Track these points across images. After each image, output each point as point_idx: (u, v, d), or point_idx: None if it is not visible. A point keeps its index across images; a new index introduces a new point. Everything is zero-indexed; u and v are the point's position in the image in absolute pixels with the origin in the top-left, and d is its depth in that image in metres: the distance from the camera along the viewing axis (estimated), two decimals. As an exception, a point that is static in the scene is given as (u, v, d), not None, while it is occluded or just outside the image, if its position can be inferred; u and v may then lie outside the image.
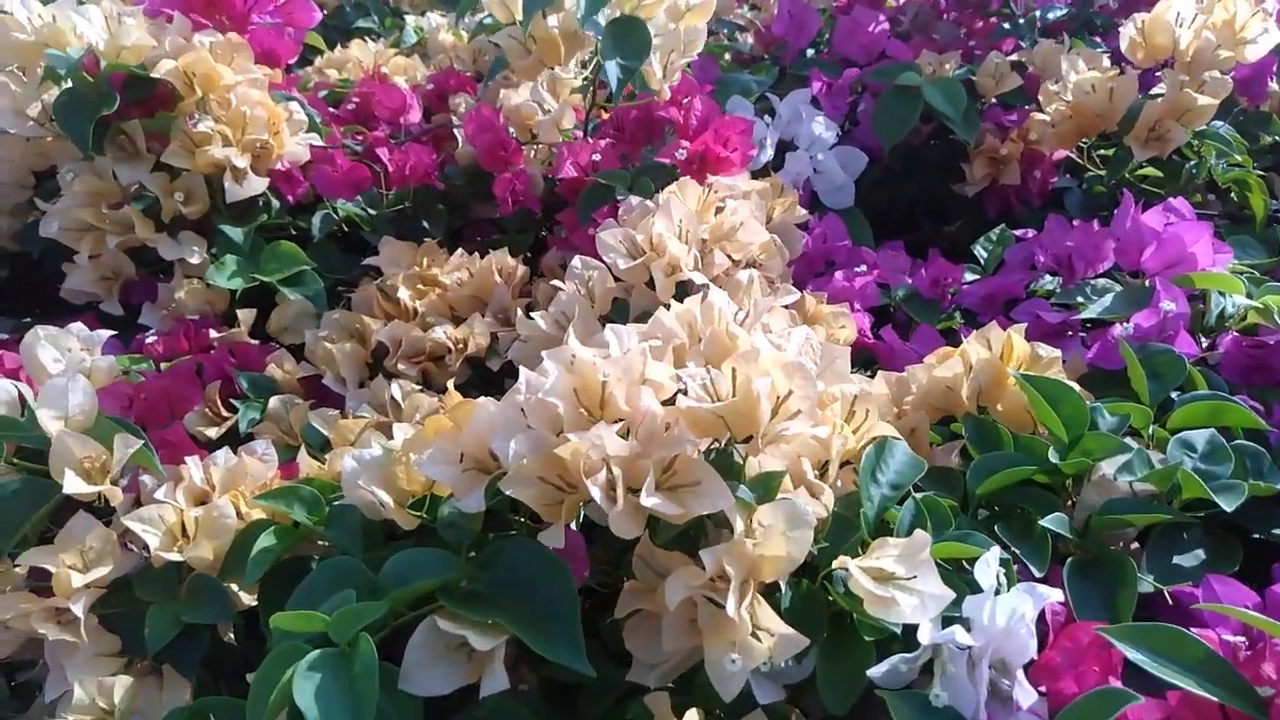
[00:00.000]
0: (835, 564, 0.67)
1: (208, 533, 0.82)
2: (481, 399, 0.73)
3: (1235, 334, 0.99)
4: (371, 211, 1.32)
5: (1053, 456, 0.80)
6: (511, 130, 1.31)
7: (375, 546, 0.82)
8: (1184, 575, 0.77)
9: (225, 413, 1.04)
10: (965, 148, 1.50)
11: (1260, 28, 1.26)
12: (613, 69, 1.05)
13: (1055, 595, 0.65)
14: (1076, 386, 0.84)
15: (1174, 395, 0.90)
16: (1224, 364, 1.00)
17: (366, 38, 1.80)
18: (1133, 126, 1.25)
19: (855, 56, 1.62)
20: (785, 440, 0.70)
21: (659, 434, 0.68)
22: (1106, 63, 1.45)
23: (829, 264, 1.34)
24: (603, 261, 1.03)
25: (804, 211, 1.26)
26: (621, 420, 0.69)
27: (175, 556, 0.80)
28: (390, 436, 0.97)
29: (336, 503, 0.84)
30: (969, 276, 1.29)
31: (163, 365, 1.09)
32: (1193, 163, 1.35)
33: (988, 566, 0.67)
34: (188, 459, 0.86)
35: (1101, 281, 1.16)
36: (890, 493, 0.75)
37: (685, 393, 0.70)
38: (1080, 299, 1.14)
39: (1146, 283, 1.09)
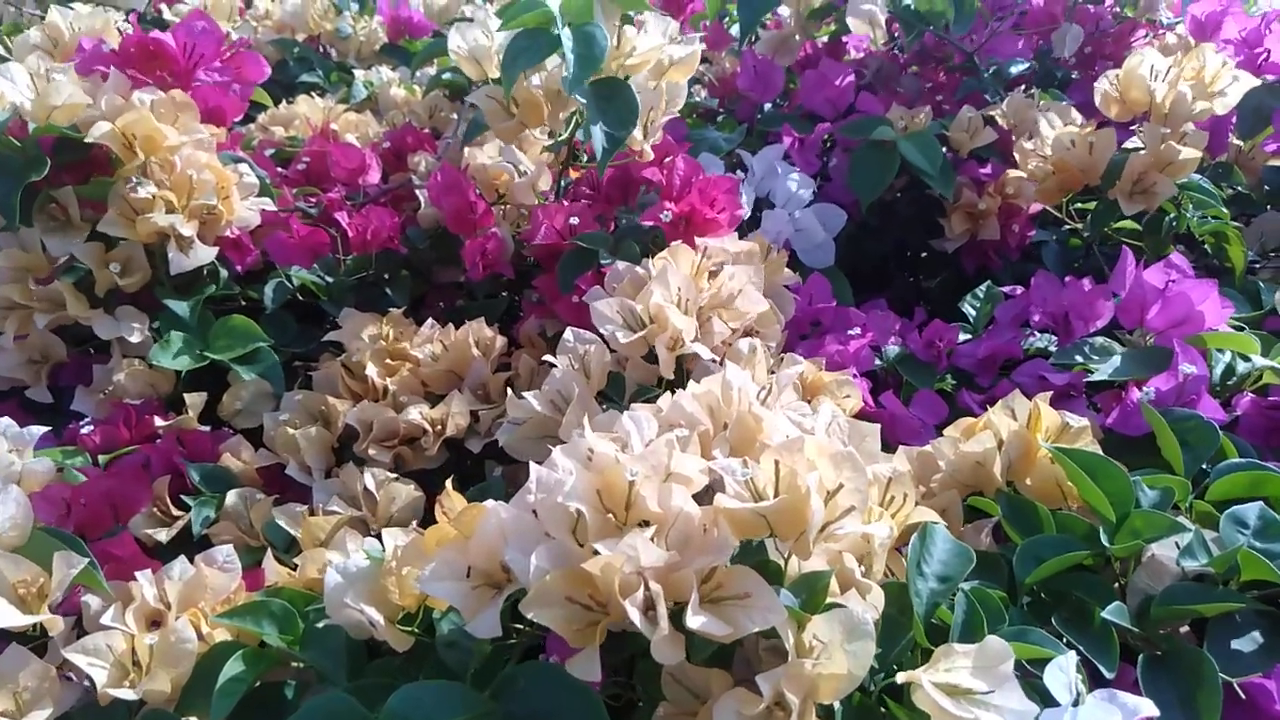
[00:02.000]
0: (903, 678, 0.60)
1: (164, 661, 0.71)
2: (490, 503, 0.64)
3: (1253, 395, 0.96)
4: (329, 279, 1.22)
5: (1104, 539, 0.75)
6: (478, 190, 1.24)
7: (360, 669, 0.72)
8: (1246, 663, 0.72)
9: (176, 511, 0.93)
10: (937, 202, 1.47)
11: (1230, 79, 1.26)
12: (599, 136, 0.98)
13: (1147, 708, 0.58)
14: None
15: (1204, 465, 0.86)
16: (1242, 426, 0.97)
17: (313, 93, 1.72)
18: (1116, 181, 1.23)
19: (822, 111, 1.59)
20: (836, 540, 0.62)
21: (696, 539, 0.61)
22: (1076, 116, 1.44)
23: (814, 325, 1.29)
24: (595, 332, 0.96)
25: (791, 273, 1.21)
26: (647, 523, 0.61)
27: (127, 693, 0.69)
28: (365, 533, 0.88)
29: (313, 618, 0.74)
30: (961, 336, 1.24)
31: (100, 459, 0.97)
32: (1172, 215, 1.34)
33: (1062, 674, 0.61)
34: (138, 574, 0.76)
35: (1100, 341, 1.12)
36: (939, 586, 0.69)
37: (715, 487, 0.63)
38: (1080, 358, 1.10)
39: (1149, 340, 1.06)
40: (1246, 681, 0.70)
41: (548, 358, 0.93)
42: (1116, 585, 0.78)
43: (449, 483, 0.70)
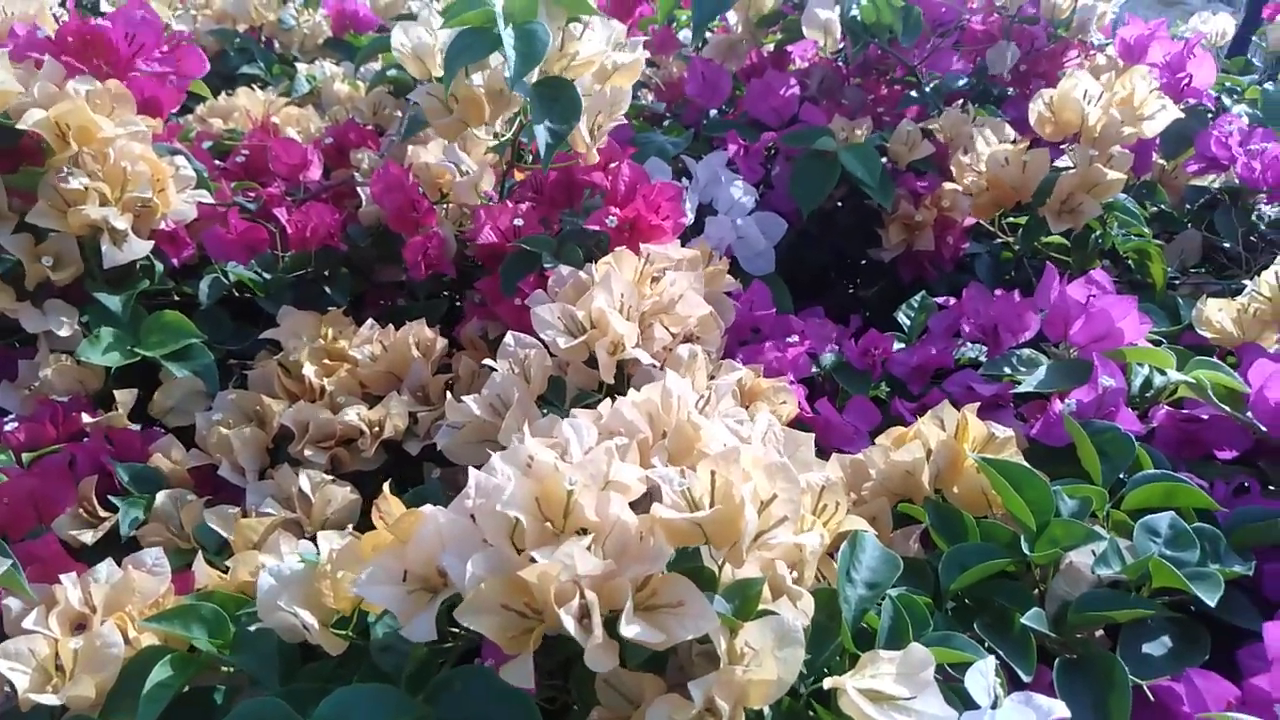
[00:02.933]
0: (829, 684, 0.62)
1: (89, 666, 0.70)
2: (428, 508, 0.64)
3: (1168, 408, 1.00)
4: (267, 276, 1.20)
5: (1024, 547, 0.77)
6: (421, 189, 1.23)
7: (292, 673, 0.71)
8: (1156, 666, 0.75)
9: (103, 513, 0.91)
10: (875, 212, 1.50)
11: (1158, 105, 1.31)
12: (542, 133, 0.99)
13: (1060, 710, 0.61)
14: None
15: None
16: (1158, 438, 1.01)
17: (253, 85, 1.68)
18: (1046, 199, 1.27)
19: (767, 119, 1.61)
20: (769, 549, 0.64)
21: (632, 547, 0.62)
22: (1010, 133, 1.48)
23: (754, 331, 1.31)
24: (535, 337, 0.96)
25: (733, 280, 1.22)
26: (585, 531, 0.62)
27: (50, 699, 0.67)
28: (299, 535, 0.87)
29: (245, 622, 0.73)
30: (896, 346, 1.27)
31: (24, 457, 0.95)
32: (1098, 233, 1.38)
33: (982, 678, 0.63)
34: (63, 577, 0.74)
35: (1027, 352, 1.16)
36: (867, 592, 0.70)
37: (653, 495, 0.64)
38: (1008, 369, 1.14)
39: (1074, 353, 1.10)
40: (1156, 684, 0.73)
41: (488, 361, 0.93)
42: (1036, 591, 0.81)
43: (386, 486, 0.70)
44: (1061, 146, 1.38)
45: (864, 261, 1.59)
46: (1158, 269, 1.39)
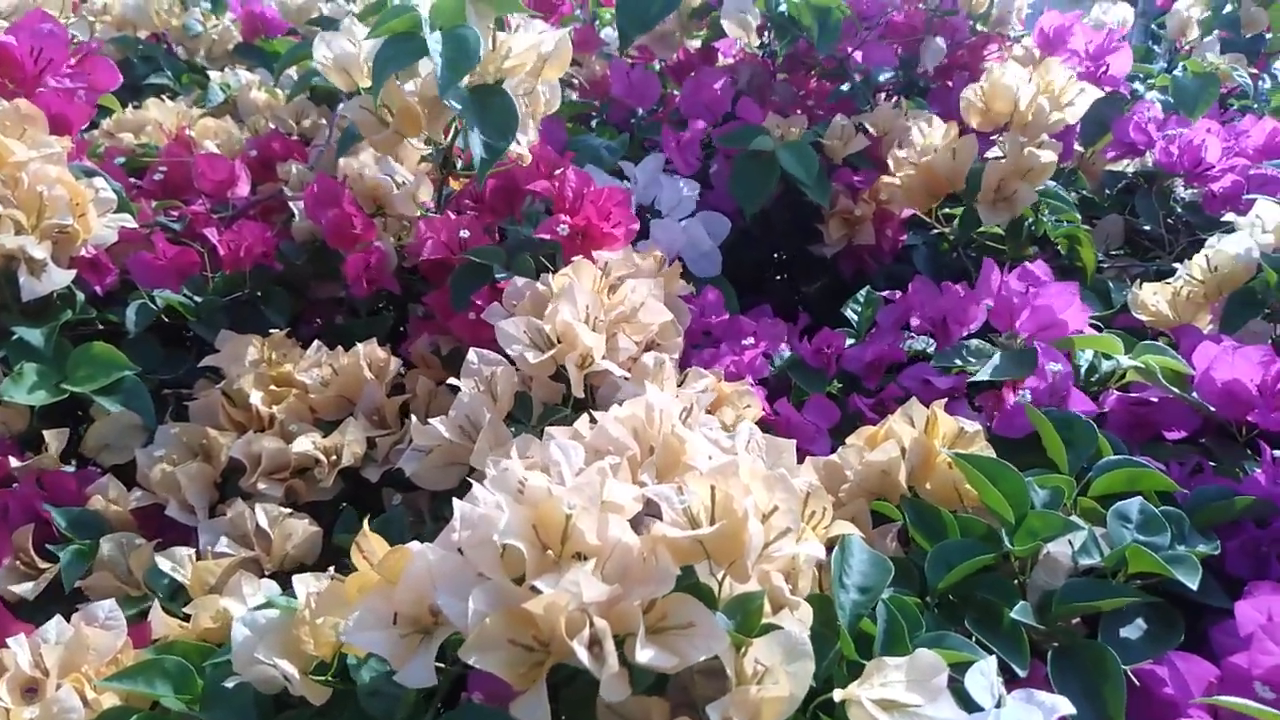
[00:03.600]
0: (841, 696, 0.61)
1: (47, 735, 0.65)
2: (416, 545, 0.61)
3: (1119, 393, 1.03)
4: (198, 299, 1.14)
5: (1005, 540, 0.78)
6: (356, 201, 1.18)
7: (271, 724, 0.68)
8: (1136, 650, 0.77)
9: (42, 563, 0.85)
10: (814, 208, 1.51)
11: (1076, 90, 1.35)
12: (477, 144, 0.95)
13: (1064, 706, 0.61)
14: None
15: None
16: (1111, 422, 1.04)
17: (163, 96, 1.60)
18: (978, 188, 1.29)
19: (701, 117, 1.61)
20: (771, 561, 0.63)
21: (635, 570, 0.60)
22: (941, 125, 1.51)
23: (705, 334, 1.31)
24: (494, 349, 0.93)
25: (685, 284, 1.21)
26: (581, 555, 0.60)
27: (7, 776, 0.62)
28: (259, 574, 0.83)
29: (212, 672, 0.69)
30: (847, 341, 1.28)
31: (-53, 508, 0.88)
32: (1030, 220, 1.42)
33: (983, 678, 0.63)
34: (9, 640, 0.68)
35: (976, 343, 1.18)
36: (861, 597, 0.70)
37: (647, 514, 0.63)
38: (960, 360, 1.15)
39: (1021, 342, 1.13)
40: (1138, 668, 0.75)
41: (452, 380, 0.90)
42: (1016, 583, 0.82)
43: (365, 523, 0.66)
44: (991, 138, 1.41)
45: (802, 259, 1.60)
46: (1088, 254, 1.43)
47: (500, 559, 0.59)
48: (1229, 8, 2.09)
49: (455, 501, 0.62)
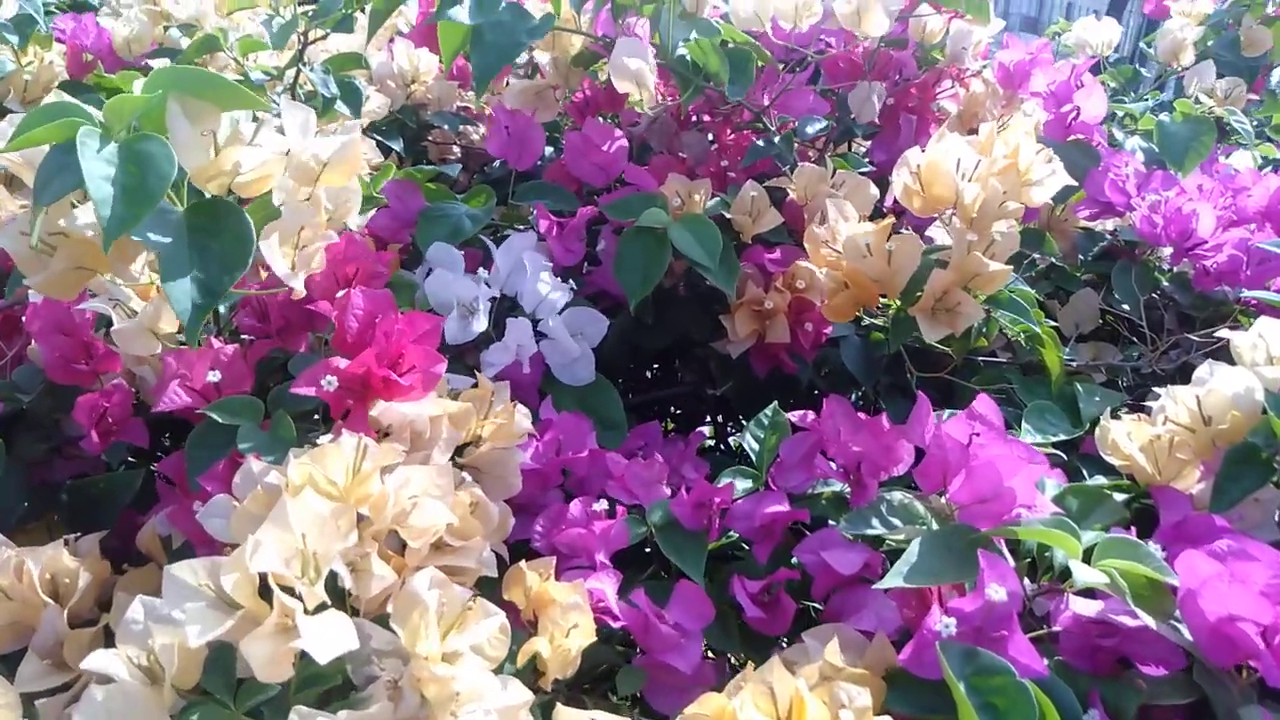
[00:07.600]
0: None
1: None
2: None
3: (1074, 610, 0.76)
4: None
5: None
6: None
7: None
8: None
9: None
10: (720, 293, 1.24)
11: (1046, 169, 1.07)
12: (183, 294, 0.67)
13: None
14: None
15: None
16: (1064, 645, 0.77)
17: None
18: (918, 295, 1.02)
19: (592, 178, 1.33)
20: None
21: None
22: (873, 191, 1.24)
23: (564, 474, 1.03)
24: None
25: (527, 424, 0.94)
26: None
27: None
28: None
29: None
30: (740, 484, 1.01)
31: None
32: (980, 320, 1.14)
33: None
34: None
35: (899, 498, 0.90)
36: None
37: None
38: (876, 522, 0.89)
39: (954, 512, 0.86)
40: None
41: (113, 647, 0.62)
42: None
43: None
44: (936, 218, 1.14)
45: (715, 351, 1.32)
46: (1052, 356, 1.15)
47: None
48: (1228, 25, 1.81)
49: None
